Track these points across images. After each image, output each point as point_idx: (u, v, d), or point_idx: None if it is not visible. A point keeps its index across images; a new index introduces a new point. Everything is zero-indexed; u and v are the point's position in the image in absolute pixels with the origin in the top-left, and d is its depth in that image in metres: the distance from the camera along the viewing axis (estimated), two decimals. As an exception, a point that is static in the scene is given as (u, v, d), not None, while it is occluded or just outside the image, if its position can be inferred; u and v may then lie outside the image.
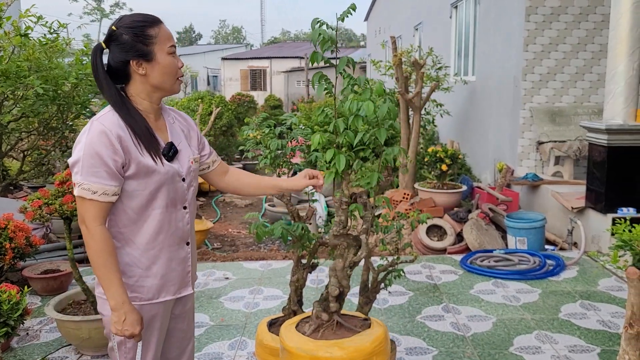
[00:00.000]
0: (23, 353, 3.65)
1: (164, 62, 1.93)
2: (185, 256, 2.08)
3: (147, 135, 1.92)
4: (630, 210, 5.27)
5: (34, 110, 5.14)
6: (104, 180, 1.84)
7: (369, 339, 2.52)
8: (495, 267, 5.06)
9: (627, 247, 2.31)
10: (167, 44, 1.93)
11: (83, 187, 1.83)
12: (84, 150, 1.83)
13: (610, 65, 5.38)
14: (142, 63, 1.91)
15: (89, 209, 1.85)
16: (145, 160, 1.90)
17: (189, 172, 2.05)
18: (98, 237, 1.85)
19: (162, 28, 1.95)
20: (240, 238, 7.43)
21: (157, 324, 2.03)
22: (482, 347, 3.62)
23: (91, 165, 1.82)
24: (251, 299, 4.51)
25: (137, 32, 1.89)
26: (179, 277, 2.06)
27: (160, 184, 1.94)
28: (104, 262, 1.86)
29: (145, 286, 1.97)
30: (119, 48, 1.90)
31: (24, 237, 4.00)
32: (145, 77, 1.92)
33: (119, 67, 1.92)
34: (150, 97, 1.97)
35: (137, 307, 1.95)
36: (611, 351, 3.53)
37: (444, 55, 10.26)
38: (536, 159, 7.31)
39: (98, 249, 1.85)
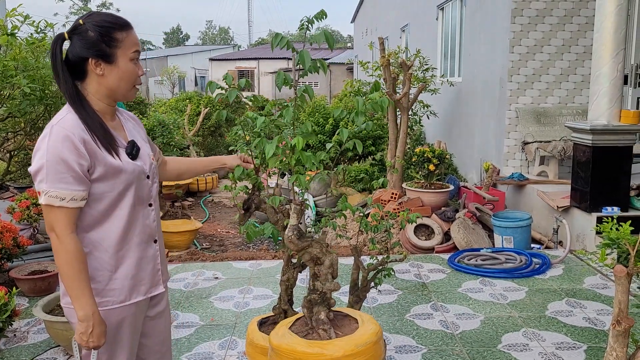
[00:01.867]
0: (11, 355, 3.62)
1: (124, 67, 1.89)
2: (154, 254, 2.05)
3: (106, 134, 1.88)
4: (615, 209, 5.35)
5: (21, 110, 5.10)
6: (72, 185, 1.79)
7: (359, 339, 2.54)
8: (483, 266, 5.11)
9: (614, 245, 2.36)
10: (131, 50, 1.90)
11: (50, 195, 1.77)
12: (47, 157, 1.78)
13: (595, 67, 5.46)
14: (102, 64, 1.87)
15: (58, 217, 1.79)
16: (110, 160, 1.87)
17: (152, 169, 2.05)
18: (71, 247, 1.80)
19: (130, 33, 1.91)
20: (229, 238, 7.43)
21: (129, 326, 1.98)
22: (470, 345, 3.66)
23: (57, 171, 1.77)
24: (241, 299, 4.52)
25: (103, 32, 1.85)
26: (149, 276, 2.03)
27: (129, 183, 1.92)
28: (76, 272, 1.81)
29: (116, 289, 1.93)
30: (81, 43, 1.85)
31: (12, 238, 3.98)
32: (102, 78, 1.88)
33: (77, 61, 1.87)
34: (105, 98, 1.93)
35: (108, 310, 1.91)
36: (597, 348, 3.59)
37: (431, 56, 10.33)
38: (522, 158, 7.39)
39: (70, 259, 1.80)
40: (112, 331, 1.94)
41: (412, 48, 10.82)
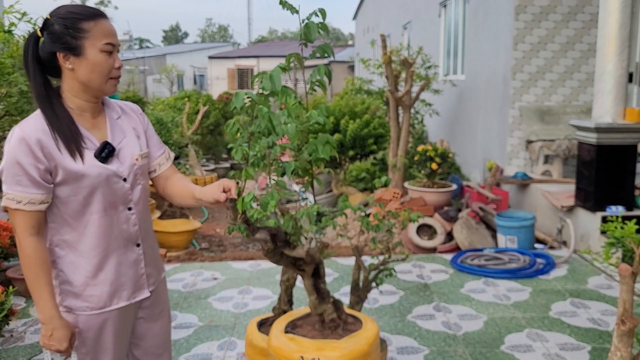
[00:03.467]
0: (7, 355, 3.57)
1: (93, 59, 1.78)
2: (136, 258, 1.97)
3: (69, 136, 1.79)
4: (619, 208, 5.29)
5: (18, 108, 5.04)
6: (28, 189, 1.74)
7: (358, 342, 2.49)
8: (486, 266, 5.05)
9: (619, 244, 2.30)
10: (101, 41, 1.79)
11: (7, 197, 1.75)
12: (6, 159, 1.75)
13: (599, 64, 5.39)
14: (70, 57, 1.78)
15: (16, 220, 1.77)
16: (70, 165, 1.79)
17: (133, 171, 1.92)
18: (29, 249, 1.77)
19: (100, 23, 1.80)
20: (228, 238, 7.37)
21: (112, 331, 1.92)
22: (473, 346, 3.60)
23: (14, 174, 1.74)
24: (240, 299, 4.46)
25: (68, 23, 1.77)
26: (131, 281, 1.95)
27: (93, 188, 1.83)
28: (34, 274, 1.78)
29: (95, 295, 1.88)
30: (49, 38, 1.78)
31: (8, 237, 3.93)
32: (72, 72, 1.80)
33: (46, 57, 1.80)
34: (81, 94, 1.84)
35: (88, 316, 1.87)
36: (601, 349, 3.53)
37: (433, 54, 10.27)
38: (525, 157, 7.32)
39: (29, 261, 1.78)
40: (94, 336, 1.89)
41: (414, 45, 10.76)
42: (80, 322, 1.89)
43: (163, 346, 2.16)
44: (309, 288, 2.54)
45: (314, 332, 2.60)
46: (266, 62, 32.85)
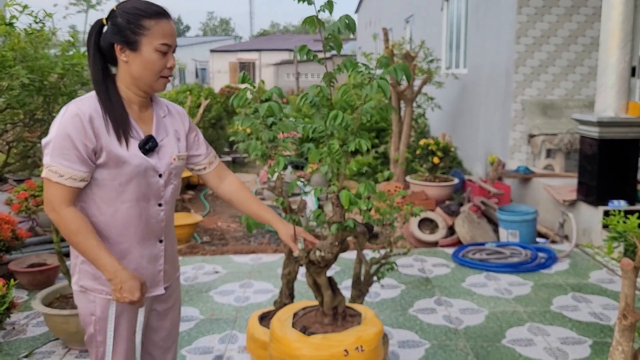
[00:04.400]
0: (9, 348, 3.58)
1: (148, 57, 1.84)
2: (157, 254, 2.01)
3: (121, 121, 1.86)
4: (622, 202, 5.28)
5: (20, 101, 5.03)
6: (73, 164, 1.79)
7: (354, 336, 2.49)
8: (487, 260, 5.04)
9: (622, 238, 2.29)
10: (158, 40, 1.84)
11: (51, 169, 1.78)
12: (57, 132, 1.79)
13: (602, 58, 5.37)
14: (126, 50, 1.84)
15: (55, 192, 1.79)
16: (115, 149, 1.84)
17: (169, 169, 1.98)
18: (70, 218, 1.80)
19: (161, 23, 1.85)
20: (230, 232, 7.37)
21: (126, 320, 1.97)
22: (474, 340, 3.60)
23: (62, 147, 1.78)
24: (241, 293, 4.47)
25: (130, 18, 1.82)
26: (149, 275, 1.99)
27: (131, 177, 1.87)
28: (84, 238, 1.81)
29: None
30: (111, 29, 1.85)
31: (10, 230, 3.93)
32: (126, 65, 1.86)
33: (106, 47, 1.87)
34: (132, 86, 1.90)
35: (105, 299, 1.93)
36: (603, 343, 3.53)
37: (435, 47, 10.24)
38: (527, 152, 7.31)
39: (73, 230, 1.80)
40: (116, 323, 1.95)
41: (416, 39, 10.73)
42: (97, 307, 1.93)
43: (171, 340, 2.20)
44: (325, 284, 2.53)
45: (326, 326, 2.58)
46: (268, 56, 32.79)
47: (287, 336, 2.48)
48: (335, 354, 2.39)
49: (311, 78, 28.89)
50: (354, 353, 2.40)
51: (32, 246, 5.33)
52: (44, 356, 3.47)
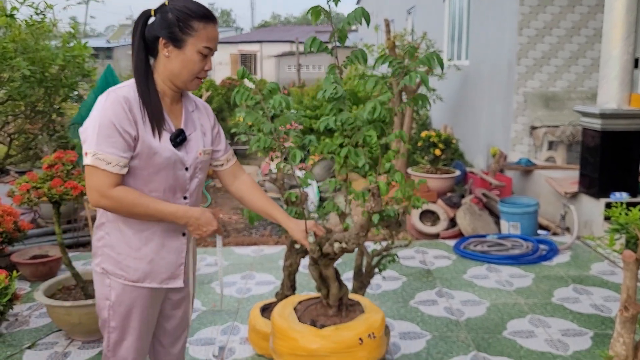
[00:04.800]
0: (12, 339, 3.59)
1: (190, 56, 1.89)
2: (179, 247, 2.04)
3: (156, 113, 1.89)
4: (624, 194, 5.27)
5: (21, 93, 5.03)
6: (120, 151, 1.81)
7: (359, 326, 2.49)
8: (489, 252, 5.05)
9: (624, 230, 2.29)
10: (203, 43, 1.89)
11: (98, 157, 1.78)
12: (100, 119, 1.80)
13: (605, 50, 5.35)
14: (170, 46, 1.88)
15: (103, 180, 1.80)
16: (149, 139, 1.87)
17: (195, 163, 2.01)
18: (121, 196, 1.82)
19: (208, 27, 1.90)
20: (232, 223, 7.38)
21: (141, 309, 2.00)
22: (475, 332, 3.61)
23: (107, 135, 1.79)
24: (243, 285, 4.48)
25: (181, 17, 1.86)
26: (169, 266, 2.02)
27: (160, 168, 1.90)
28: (142, 208, 1.85)
29: (132, 267, 1.95)
30: (159, 22, 1.88)
31: (12, 222, 3.93)
32: (167, 60, 1.90)
33: (150, 38, 1.90)
34: (167, 81, 1.94)
35: (121, 285, 1.96)
36: (604, 334, 3.53)
37: (437, 39, 10.19)
38: (529, 144, 7.29)
39: (129, 204, 1.83)
40: (125, 311, 1.98)
41: (418, 30, 10.68)
42: (113, 292, 1.97)
43: (181, 329, 2.24)
44: (332, 276, 2.53)
45: (333, 318, 2.58)
46: (269, 47, 32.68)
47: (297, 331, 2.47)
48: (350, 343, 2.41)
49: (312, 70, 28.80)
50: (368, 340, 2.42)
51: (34, 238, 5.34)
52: (47, 347, 3.49)
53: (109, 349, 2.04)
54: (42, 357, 3.37)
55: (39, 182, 3.39)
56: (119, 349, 2.02)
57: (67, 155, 3.48)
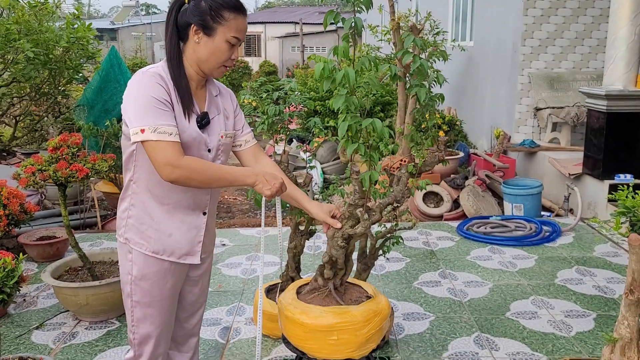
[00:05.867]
0: (21, 319, 3.65)
1: (219, 45, 1.94)
2: (199, 224, 2.09)
3: (185, 93, 1.95)
4: (628, 176, 5.27)
5: (25, 75, 5.03)
6: (172, 121, 1.87)
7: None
8: (492, 234, 5.07)
9: (630, 213, 2.30)
10: (232, 33, 1.95)
11: (159, 131, 1.82)
12: (144, 95, 1.84)
13: (612, 30, 5.30)
14: (201, 33, 1.93)
15: (171, 151, 1.83)
16: (180, 118, 1.93)
17: (218, 145, 2.06)
18: (192, 164, 1.86)
19: (239, 17, 1.95)
20: (237, 205, 7.41)
21: (160, 282, 2.05)
22: (478, 313, 3.64)
23: (157, 108, 1.84)
24: (248, 266, 4.51)
25: (214, 5, 1.91)
26: (188, 243, 2.07)
27: (185, 147, 1.94)
28: (212, 174, 1.90)
29: (153, 237, 2.01)
30: (192, 9, 1.93)
31: (18, 204, 3.96)
32: (197, 46, 1.95)
33: (183, 24, 1.95)
34: (194, 65, 1.99)
35: (142, 255, 2.01)
36: (607, 316, 3.56)
37: (442, 19, 10.10)
38: (533, 125, 7.27)
39: (201, 170, 1.87)
40: (146, 287, 2.04)
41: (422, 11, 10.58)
42: (135, 267, 2.02)
43: (198, 304, 2.31)
44: (350, 256, 2.54)
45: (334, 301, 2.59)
46: (273, 28, 32.43)
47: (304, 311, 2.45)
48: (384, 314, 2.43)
49: (316, 51, 28.60)
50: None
51: (41, 219, 5.39)
52: (55, 327, 3.54)
53: (133, 323, 2.10)
54: (50, 337, 3.42)
55: (44, 165, 3.41)
56: (143, 324, 2.08)
57: (72, 137, 3.50)
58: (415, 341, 3.30)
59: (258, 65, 24.80)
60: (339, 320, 2.42)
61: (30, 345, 3.33)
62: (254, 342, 3.33)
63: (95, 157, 3.52)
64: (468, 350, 3.19)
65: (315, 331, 2.35)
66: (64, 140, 3.46)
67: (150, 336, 2.09)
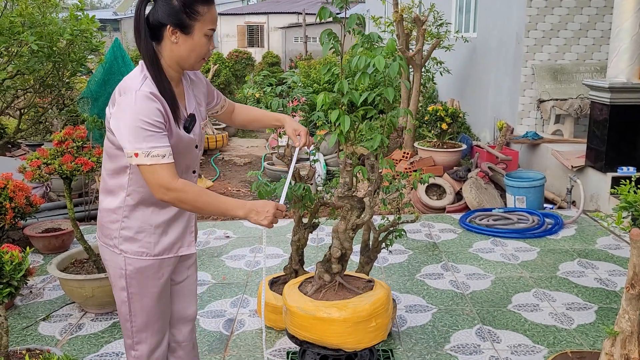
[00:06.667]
0: (27, 311, 3.69)
1: (198, 41, 1.91)
2: (190, 216, 2.13)
3: (173, 102, 1.93)
4: (630, 169, 5.27)
5: (29, 68, 5.04)
6: (165, 142, 1.85)
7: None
8: (494, 226, 5.08)
9: (632, 208, 2.31)
10: (208, 26, 1.92)
11: (153, 155, 1.82)
12: (137, 119, 1.81)
13: (616, 22, 5.28)
14: (178, 33, 1.89)
15: (164, 173, 1.84)
16: (175, 128, 1.92)
17: (200, 136, 2.08)
18: (186, 188, 1.86)
19: (212, 9, 1.93)
20: (240, 196, 7.44)
21: (153, 271, 2.06)
22: (480, 305, 3.67)
23: (151, 131, 1.82)
24: (252, 258, 4.54)
25: (187, 2, 1.86)
26: (182, 236, 2.10)
27: (180, 152, 1.97)
28: (207, 200, 1.90)
29: (152, 242, 2.02)
30: (164, 9, 1.87)
31: (24, 197, 3.99)
32: (175, 45, 1.91)
33: (156, 25, 1.90)
34: (174, 65, 1.96)
35: (143, 260, 2.02)
36: (608, 309, 3.58)
37: (445, 10, 10.06)
38: (536, 117, 7.26)
39: (194, 197, 1.87)
40: (140, 278, 2.04)
41: (426, 2, 10.54)
42: (129, 266, 2.02)
43: (195, 285, 2.34)
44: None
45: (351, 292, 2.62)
46: (276, 19, 32.32)
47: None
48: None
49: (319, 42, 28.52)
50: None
51: (47, 211, 5.42)
52: (61, 319, 3.58)
53: (130, 314, 2.09)
54: (57, 328, 3.46)
55: (49, 158, 3.43)
56: (141, 316, 2.10)
57: (77, 131, 3.52)
58: (417, 333, 3.33)
59: (261, 57, 24.74)
60: (376, 306, 2.47)
61: (37, 336, 3.38)
62: (258, 334, 3.36)
63: (100, 151, 3.54)
64: (470, 343, 3.22)
65: (356, 323, 2.39)
66: (69, 134, 3.49)
67: (147, 326, 2.12)
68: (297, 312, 2.51)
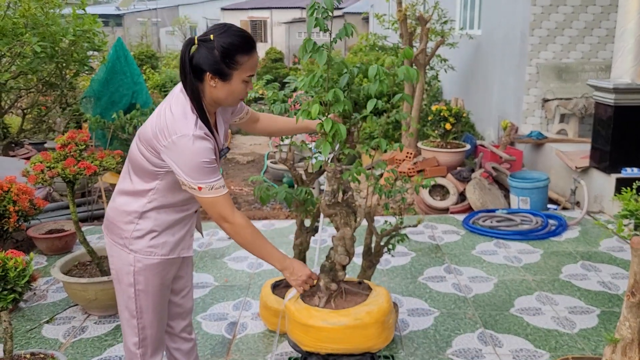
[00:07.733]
0: (31, 313, 3.70)
1: (236, 87, 2.01)
2: (193, 221, 2.27)
3: (216, 140, 2.06)
4: (635, 170, 5.25)
5: (32, 69, 5.05)
6: (220, 174, 2.02)
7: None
8: (497, 228, 5.07)
9: (633, 216, 2.31)
10: (247, 73, 2.00)
11: (215, 187, 1.97)
12: (198, 160, 1.93)
13: (620, 22, 5.25)
14: (216, 79, 1.98)
15: (225, 203, 2.01)
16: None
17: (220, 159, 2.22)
18: (244, 224, 2.05)
19: (252, 57, 2.00)
20: (243, 196, 7.44)
21: (162, 274, 2.18)
22: (483, 309, 3.66)
23: (208, 168, 1.95)
24: (254, 260, 4.54)
25: (227, 54, 1.94)
26: (186, 238, 2.23)
27: None
28: (259, 242, 2.11)
29: (160, 242, 2.14)
30: (204, 56, 1.95)
31: (28, 200, 4.00)
32: (213, 89, 2.00)
33: (196, 69, 1.98)
34: (213, 103, 2.07)
35: (151, 258, 2.12)
36: (611, 312, 3.58)
37: (449, 7, 10.02)
38: (541, 116, 7.23)
39: (252, 232, 2.07)
40: (149, 276, 2.14)
41: None
42: (138, 263, 2.12)
43: (191, 281, 2.46)
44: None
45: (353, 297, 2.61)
46: (280, 14, 32.24)
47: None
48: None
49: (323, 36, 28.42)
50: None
51: (50, 212, 5.44)
52: (65, 322, 3.59)
53: (137, 310, 2.18)
54: (60, 331, 3.48)
55: (52, 162, 3.44)
56: (147, 312, 2.20)
57: (80, 134, 3.52)
58: (419, 337, 3.33)
59: (264, 52, 24.65)
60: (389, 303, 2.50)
61: (41, 339, 3.39)
62: (260, 337, 3.37)
63: (102, 154, 3.55)
64: (472, 347, 3.22)
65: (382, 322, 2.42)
66: (72, 138, 3.49)
67: (153, 322, 2.22)
68: (326, 327, 2.42)
